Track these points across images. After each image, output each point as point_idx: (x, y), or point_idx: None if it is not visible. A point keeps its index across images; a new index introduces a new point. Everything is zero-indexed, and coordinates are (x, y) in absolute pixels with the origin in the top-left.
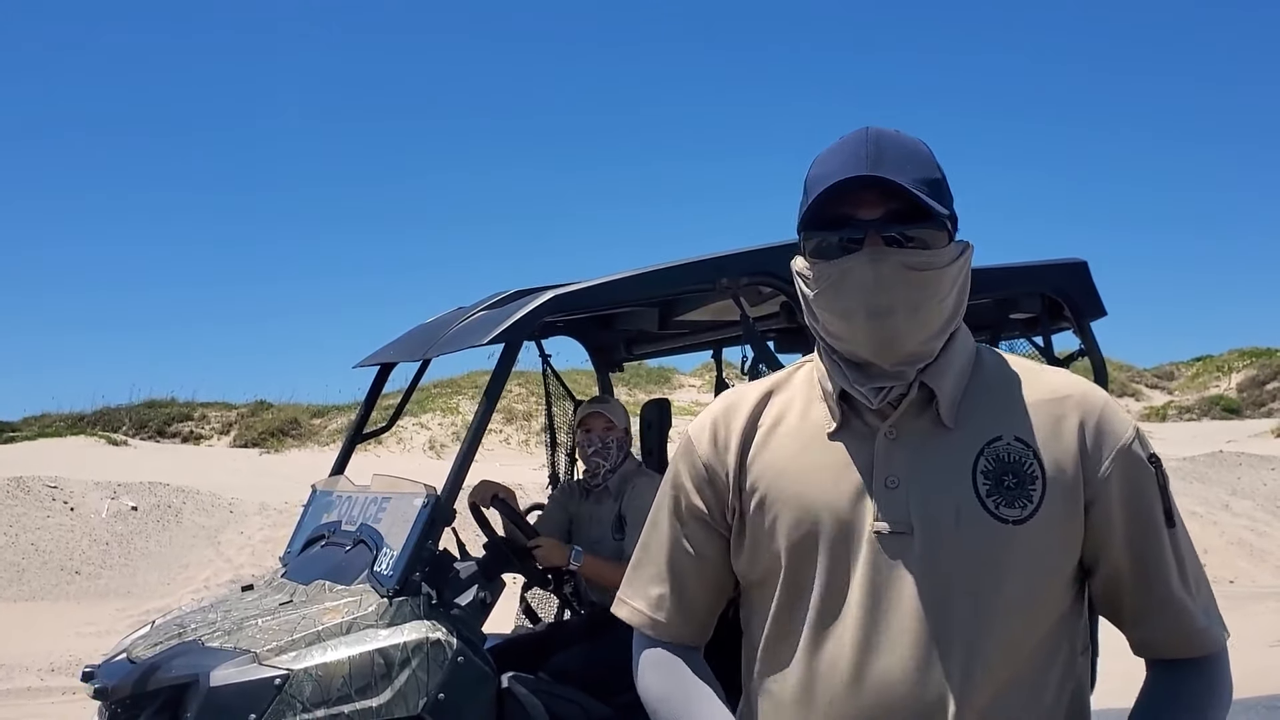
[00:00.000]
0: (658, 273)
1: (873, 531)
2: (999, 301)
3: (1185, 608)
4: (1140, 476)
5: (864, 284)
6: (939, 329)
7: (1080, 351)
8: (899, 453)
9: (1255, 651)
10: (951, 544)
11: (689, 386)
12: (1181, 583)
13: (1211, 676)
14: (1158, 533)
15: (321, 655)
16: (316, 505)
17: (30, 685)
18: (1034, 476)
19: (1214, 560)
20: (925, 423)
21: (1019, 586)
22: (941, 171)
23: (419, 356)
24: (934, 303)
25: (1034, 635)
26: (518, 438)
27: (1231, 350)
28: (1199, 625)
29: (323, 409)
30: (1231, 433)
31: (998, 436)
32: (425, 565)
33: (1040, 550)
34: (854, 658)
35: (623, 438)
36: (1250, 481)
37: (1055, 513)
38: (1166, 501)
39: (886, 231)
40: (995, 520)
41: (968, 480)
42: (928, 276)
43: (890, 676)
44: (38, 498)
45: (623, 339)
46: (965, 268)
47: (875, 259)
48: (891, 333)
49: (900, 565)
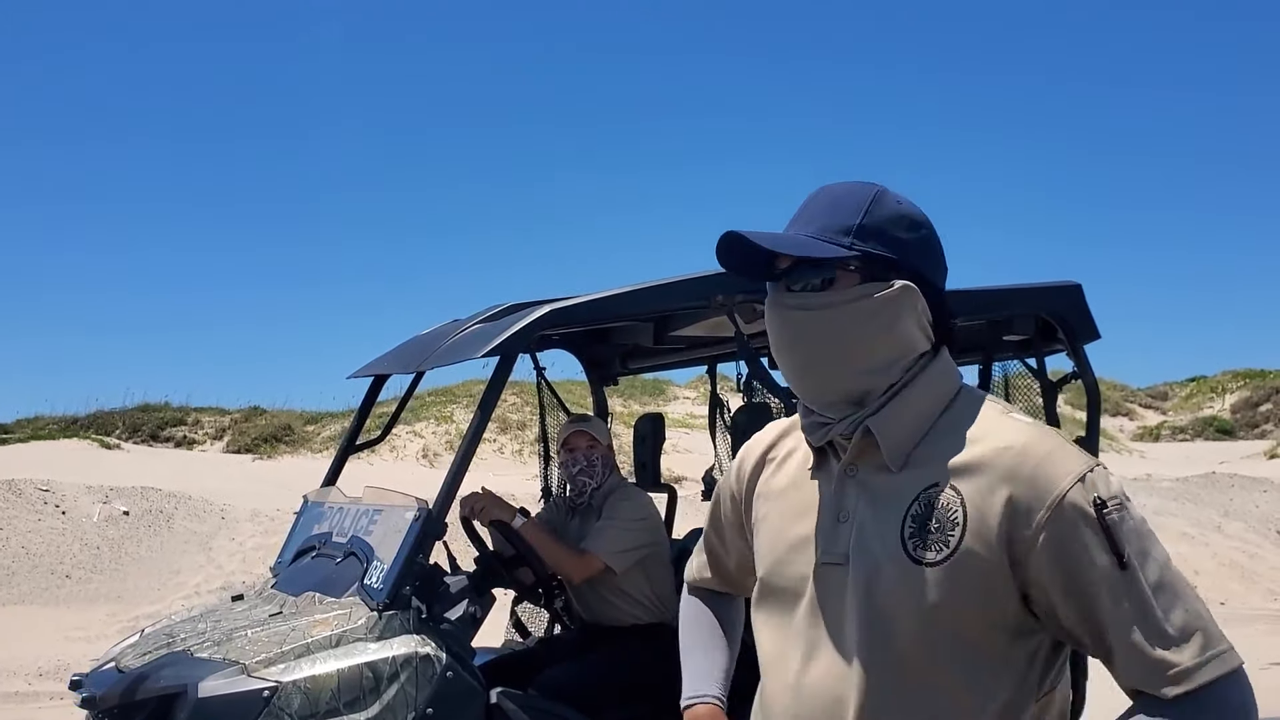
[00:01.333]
0: (653, 289)
1: (820, 561)
2: (993, 323)
3: (1144, 653)
4: (1075, 523)
5: (774, 326)
6: (875, 368)
7: (1074, 374)
8: (852, 490)
9: (1248, 674)
10: (875, 579)
11: (683, 399)
12: (1138, 623)
13: (1208, 713)
14: (1101, 582)
15: (310, 668)
16: (308, 516)
17: (18, 690)
18: (955, 523)
19: (1206, 582)
20: (879, 464)
21: (930, 626)
22: (872, 215)
23: (414, 368)
24: (849, 341)
25: (951, 676)
26: (511, 447)
27: (1225, 371)
28: (1170, 668)
29: (316, 415)
30: (1224, 454)
31: (935, 483)
32: (415, 579)
33: (952, 594)
34: (796, 674)
35: (607, 455)
36: (1243, 503)
37: (971, 562)
38: (1116, 545)
39: (788, 281)
40: (910, 560)
41: (898, 521)
42: (822, 316)
43: (819, 692)
44: (29, 500)
45: (618, 353)
46: (893, 306)
47: (776, 303)
48: (804, 365)
49: (837, 594)
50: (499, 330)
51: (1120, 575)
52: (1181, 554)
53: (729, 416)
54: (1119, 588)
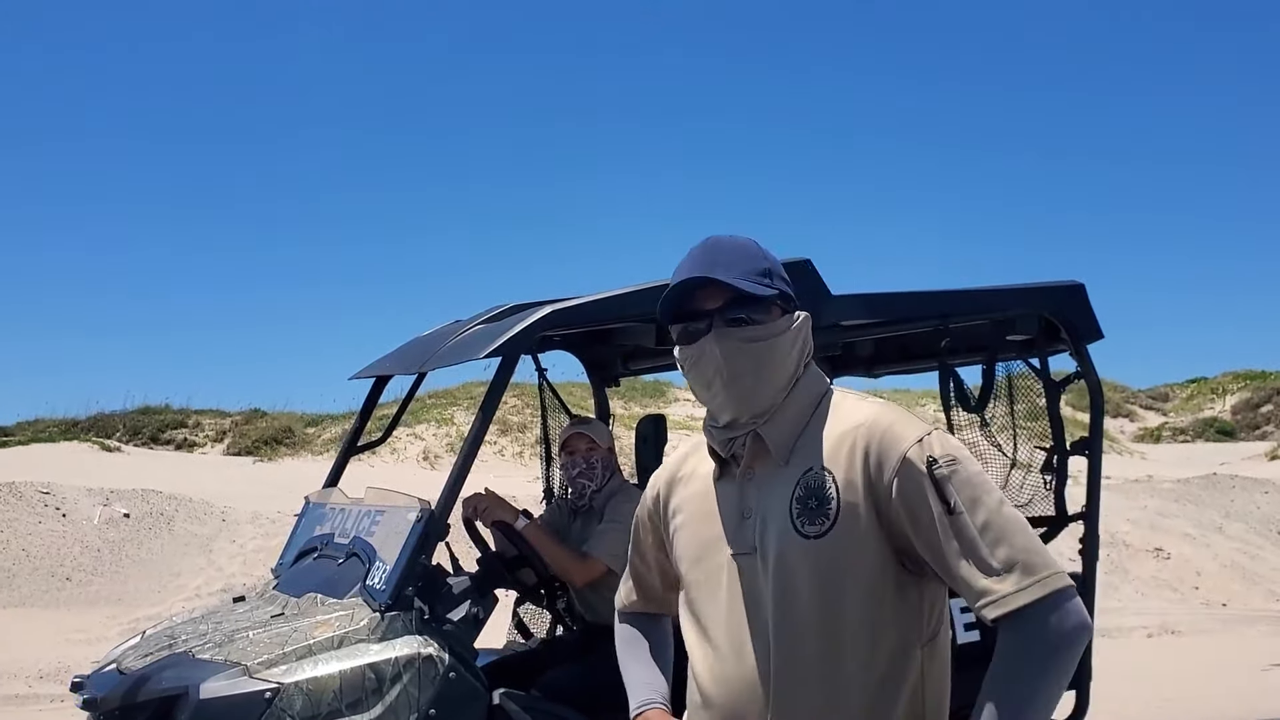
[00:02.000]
0: (654, 289)
1: (733, 553)
2: (996, 323)
3: (970, 583)
4: (913, 478)
5: (715, 359)
6: (784, 384)
7: (1077, 374)
8: (751, 489)
9: (1248, 675)
10: (778, 559)
11: (684, 400)
12: (967, 558)
13: (1021, 633)
14: (935, 524)
15: (313, 669)
16: (309, 517)
17: (19, 692)
18: (830, 498)
19: (1207, 583)
20: (771, 463)
21: (825, 589)
22: (770, 260)
23: (415, 369)
24: (776, 365)
25: (834, 637)
26: (512, 449)
27: (1226, 372)
28: (990, 596)
29: (317, 418)
30: (1225, 455)
31: (810, 467)
32: (418, 580)
33: (839, 558)
34: (722, 657)
35: (606, 457)
36: (1244, 504)
37: (849, 526)
38: (943, 493)
39: (727, 315)
40: (800, 537)
41: (787, 506)
42: (762, 347)
43: (738, 670)
44: (29, 503)
45: (619, 355)
46: (801, 333)
47: (720, 338)
48: (745, 393)
49: (749, 580)
50: (501, 331)
51: (950, 519)
52: (1183, 555)
53: None
54: (949, 530)
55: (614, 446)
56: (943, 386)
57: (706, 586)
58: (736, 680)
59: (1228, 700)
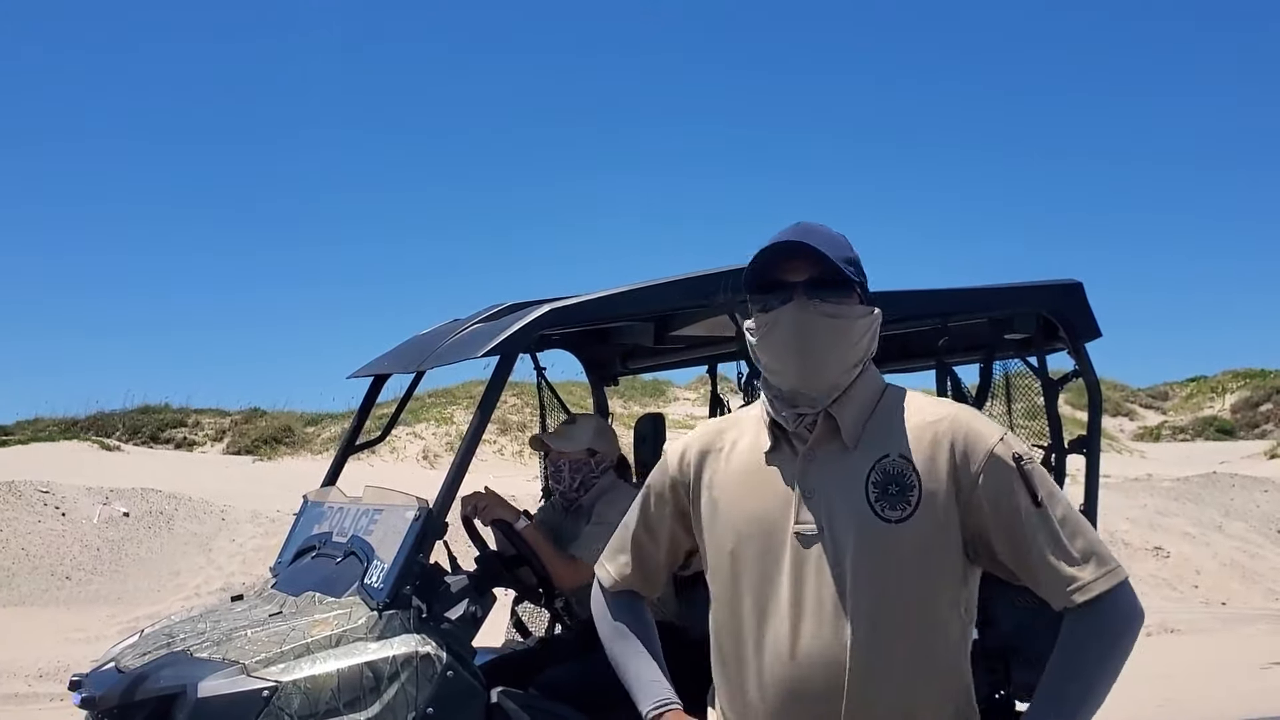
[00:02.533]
0: (655, 288)
1: (794, 533)
2: (994, 322)
3: (1057, 571)
4: (1003, 472)
5: (791, 327)
6: (850, 365)
7: (1075, 372)
8: (814, 469)
9: (1247, 674)
10: (850, 541)
11: (683, 399)
12: (1052, 550)
13: (1098, 618)
14: (1025, 513)
15: (310, 668)
16: (307, 516)
17: (18, 691)
18: (911, 485)
19: (1207, 582)
20: (835, 446)
21: (904, 571)
22: (856, 255)
23: (414, 368)
24: (847, 345)
25: (915, 612)
26: (511, 448)
27: (1226, 371)
28: (1075, 583)
29: (316, 417)
30: (1225, 454)
31: (886, 454)
32: (416, 578)
33: (918, 543)
34: (788, 634)
35: (583, 458)
36: (1243, 503)
37: (930, 513)
38: (1030, 486)
39: (810, 290)
40: (880, 520)
41: (861, 489)
42: (840, 324)
43: (810, 647)
44: (29, 502)
45: (618, 353)
46: (873, 325)
47: (801, 308)
48: (813, 366)
49: (815, 559)
50: (499, 330)
51: (1037, 511)
52: (1183, 554)
53: None
54: (1035, 521)
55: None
56: (940, 385)
57: (760, 564)
58: (807, 658)
59: (1227, 699)
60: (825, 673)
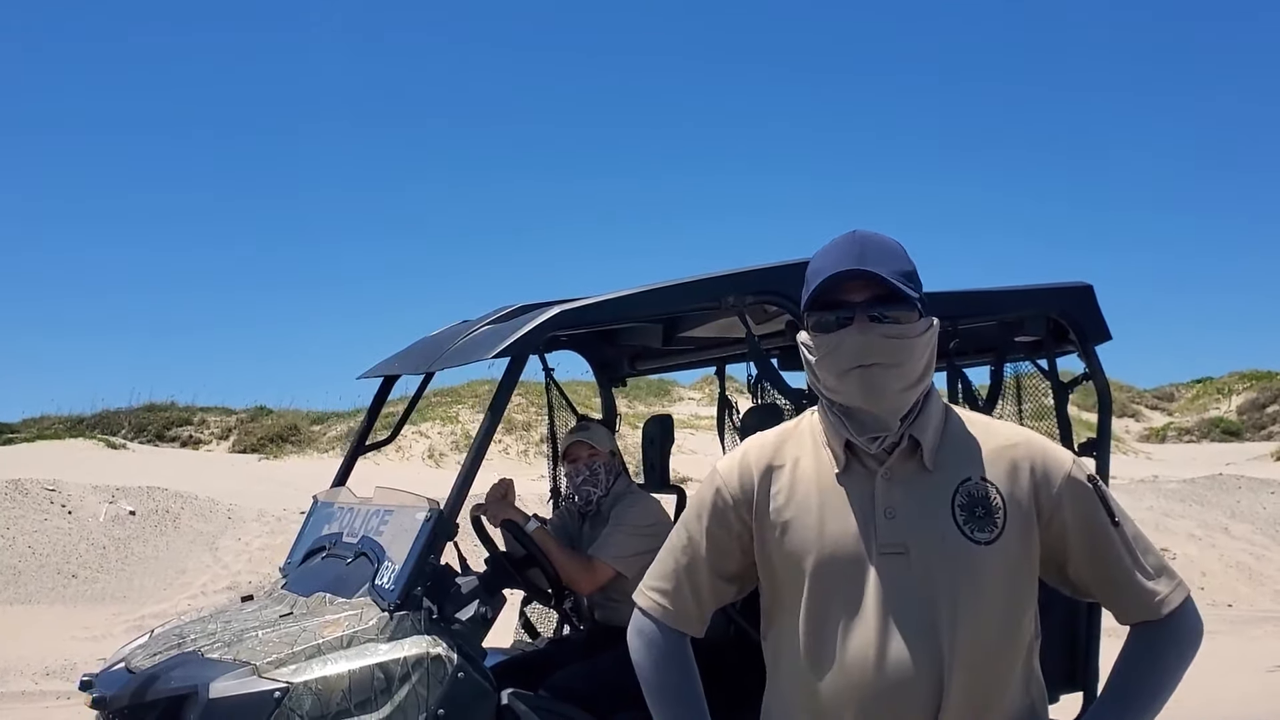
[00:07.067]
0: (664, 290)
1: (878, 552)
2: (1004, 324)
3: (1142, 586)
4: (1083, 494)
5: (855, 349)
6: (913, 383)
7: (1085, 375)
8: (894, 490)
9: (1253, 676)
10: (938, 561)
11: (689, 400)
12: (1134, 566)
13: (1176, 628)
14: (1106, 532)
15: (321, 669)
16: (318, 516)
17: (25, 689)
18: (998, 508)
19: (1213, 584)
20: (913, 466)
21: (994, 591)
22: (912, 264)
23: (423, 370)
24: (909, 363)
25: (1004, 627)
26: (517, 448)
27: (1232, 373)
28: (1158, 596)
29: (322, 415)
30: (1231, 455)
31: (968, 477)
32: (427, 580)
33: (1006, 563)
34: (875, 649)
35: (609, 461)
36: (1249, 505)
37: (1015, 534)
38: (1108, 506)
39: (871, 311)
40: (970, 542)
41: (948, 511)
42: (902, 344)
43: (902, 662)
44: (35, 500)
45: (627, 354)
46: (932, 338)
47: (864, 331)
48: (878, 387)
49: (902, 577)
50: (509, 331)
51: (1114, 530)
52: (1189, 555)
53: (738, 418)
54: (1114, 539)
55: (616, 448)
56: (950, 387)
57: (842, 586)
58: (898, 675)
59: (1233, 701)
60: (917, 690)
